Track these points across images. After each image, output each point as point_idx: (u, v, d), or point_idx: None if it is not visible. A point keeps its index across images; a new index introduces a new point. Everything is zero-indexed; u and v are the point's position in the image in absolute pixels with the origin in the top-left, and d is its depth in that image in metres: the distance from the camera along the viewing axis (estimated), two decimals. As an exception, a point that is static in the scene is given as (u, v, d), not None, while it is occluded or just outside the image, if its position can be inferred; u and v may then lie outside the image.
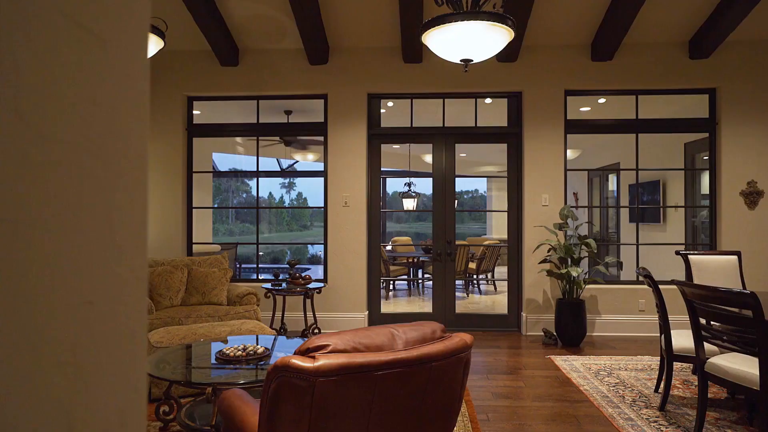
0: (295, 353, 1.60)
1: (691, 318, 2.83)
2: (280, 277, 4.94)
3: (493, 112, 5.79)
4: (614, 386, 3.64)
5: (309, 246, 14.63)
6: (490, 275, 8.44)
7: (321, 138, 5.68)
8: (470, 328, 5.54)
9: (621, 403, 3.32)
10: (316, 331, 4.91)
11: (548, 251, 5.09)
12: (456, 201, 9.66)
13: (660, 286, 3.36)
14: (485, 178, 12.21)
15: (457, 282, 8.58)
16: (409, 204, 8.51)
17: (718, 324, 2.73)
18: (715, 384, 2.71)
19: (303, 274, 4.91)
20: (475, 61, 2.98)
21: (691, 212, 6.48)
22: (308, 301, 5.06)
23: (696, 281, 3.91)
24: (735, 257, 3.99)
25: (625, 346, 4.85)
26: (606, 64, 5.33)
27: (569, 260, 4.84)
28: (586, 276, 4.95)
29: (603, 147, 8.54)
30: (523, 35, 4.99)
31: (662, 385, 3.39)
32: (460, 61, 2.96)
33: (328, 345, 1.58)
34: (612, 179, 9.41)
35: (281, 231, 17.41)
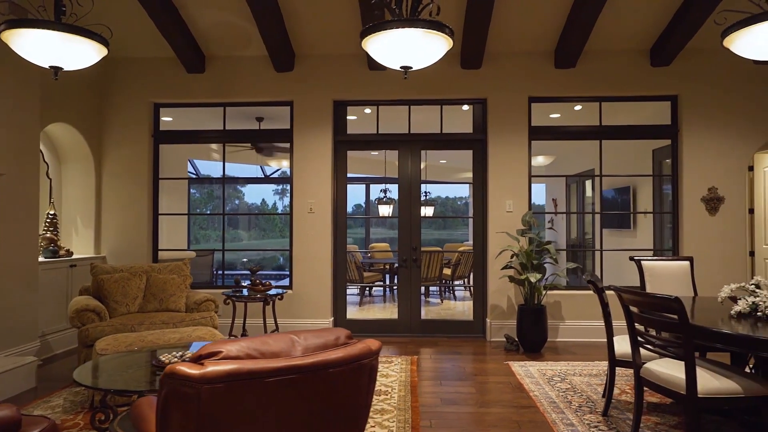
0: (189, 360, 1.60)
1: (627, 323, 2.84)
2: (242, 284, 4.93)
3: (461, 119, 5.82)
4: (564, 392, 3.65)
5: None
6: (466, 281, 8.45)
7: (287, 145, 5.69)
8: (436, 334, 5.54)
9: (567, 408, 3.32)
10: (278, 337, 4.88)
11: (511, 257, 5.11)
12: (433, 207, 9.66)
13: (607, 292, 3.38)
14: (467, 184, 12.27)
15: (433, 288, 8.61)
16: (385, 210, 8.54)
17: (645, 328, 2.74)
18: (650, 389, 2.72)
19: (265, 281, 4.90)
20: (415, 68, 2.99)
21: (659, 218, 6.52)
22: (272, 307, 5.06)
23: (649, 287, 3.93)
24: (687, 263, 4.02)
25: (586, 351, 4.86)
26: (569, 71, 5.38)
27: (529, 266, 4.86)
28: (546, 282, 4.96)
29: (578, 153, 8.59)
30: (485, 42, 5.03)
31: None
32: (400, 68, 2.98)
33: (220, 352, 1.58)
34: (589, 185, 9.47)
35: (274, 237, 17.38)
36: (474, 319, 5.55)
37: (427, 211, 9.29)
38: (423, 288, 8.71)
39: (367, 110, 5.83)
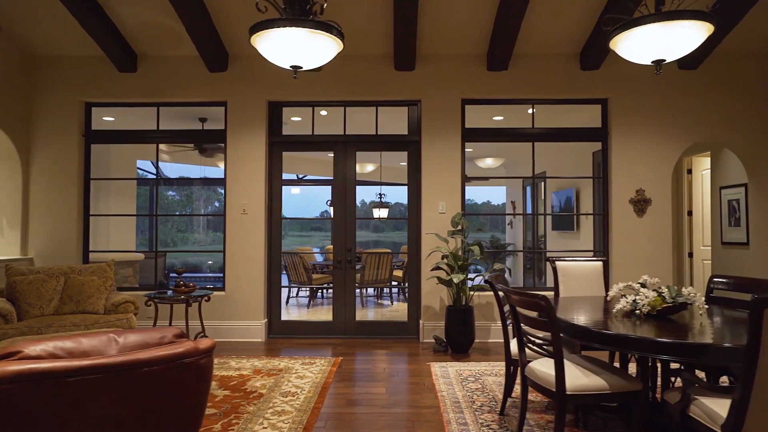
0: (-7, 360, 1.56)
1: (513, 322, 2.87)
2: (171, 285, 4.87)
3: (400, 121, 5.83)
4: (473, 392, 3.66)
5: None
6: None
7: (222, 145, 5.65)
8: (371, 336, 5.53)
9: (467, 408, 3.33)
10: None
11: (442, 258, 5.13)
12: (387, 209, 9.61)
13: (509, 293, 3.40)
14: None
15: (384, 290, 8.60)
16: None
17: (528, 326, 2.77)
18: (532, 387, 2.73)
19: (191, 282, 4.84)
20: (306, 68, 2.99)
21: (599, 219, 6.60)
22: (198, 309, 5.00)
23: (562, 287, 3.97)
24: (600, 264, 4.06)
25: (513, 351, 4.89)
26: (501, 73, 5.43)
27: (456, 267, 4.88)
28: (473, 283, 4.99)
29: (531, 155, 8.64)
30: (415, 43, 5.05)
31: (518, 390, 3.43)
32: (290, 67, 2.97)
33: (20, 351, 1.55)
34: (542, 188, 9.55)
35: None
36: (409, 320, 5.56)
37: (381, 212, 9.31)
38: (374, 290, 8.73)
39: (323, 112, 5.82)
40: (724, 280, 3.30)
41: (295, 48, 2.84)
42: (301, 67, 2.96)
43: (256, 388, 3.74)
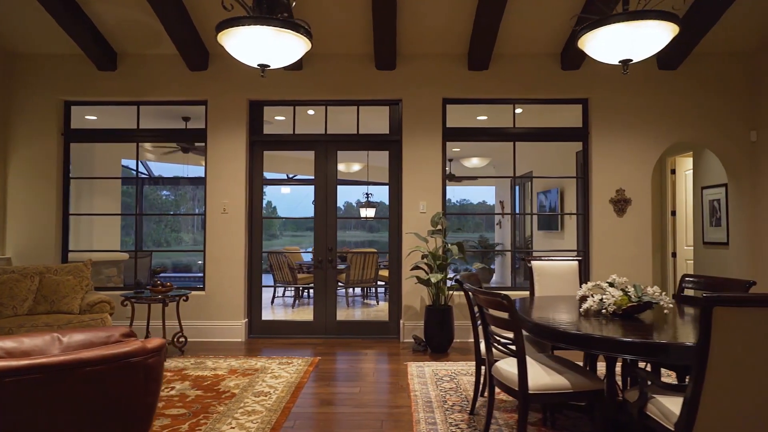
0: (-69, 360, 1.54)
1: (481, 321, 2.86)
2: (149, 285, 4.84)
3: (381, 120, 5.82)
4: (446, 391, 3.66)
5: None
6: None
7: (203, 144, 5.62)
8: (352, 335, 5.52)
9: (439, 408, 3.33)
10: (182, 339, 4.82)
11: (422, 257, 5.12)
12: (374, 209, 9.61)
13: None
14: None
15: (371, 290, 8.60)
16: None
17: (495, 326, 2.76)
18: (498, 386, 2.73)
19: (168, 282, 4.82)
20: (273, 66, 2.98)
21: (582, 219, 6.61)
22: (176, 308, 4.98)
23: (537, 286, 3.98)
24: (576, 263, 4.06)
25: (492, 351, 4.88)
26: (482, 73, 5.43)
27: (435, 266, 4.87)
28: (452, 282, 4.99)
29: (518, 155, 8.64)
30: (395, 43, 5.04)
31: (486, 390, 3.42)
32: (258, 65, 2.95)
33: (-42, 351, 1.53)
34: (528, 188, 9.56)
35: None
36: (389, 320, 5.55)
37: (368, 212, 9.31)
38: (362, 290, 8.73)
39: (310, 111, 5.80)
40: (694, 279, 3.30)
41: (262, 46, 2.83)
42: (269, 66, 2.95)
43: (229, 388, 3.73)
